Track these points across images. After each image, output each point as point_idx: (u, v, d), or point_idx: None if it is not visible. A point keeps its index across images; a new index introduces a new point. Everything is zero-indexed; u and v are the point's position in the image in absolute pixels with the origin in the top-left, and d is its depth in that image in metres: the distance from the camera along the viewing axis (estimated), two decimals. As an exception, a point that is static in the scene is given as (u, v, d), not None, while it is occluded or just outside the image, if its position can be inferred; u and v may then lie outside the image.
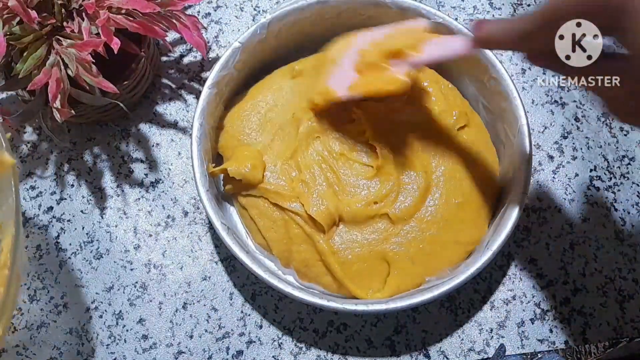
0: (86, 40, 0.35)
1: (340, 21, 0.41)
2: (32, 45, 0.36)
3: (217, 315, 0.39)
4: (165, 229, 0.42)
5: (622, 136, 0.44)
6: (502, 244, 0.34)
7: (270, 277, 0.34)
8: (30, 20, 0.34)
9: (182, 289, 0.40)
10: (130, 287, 0.40)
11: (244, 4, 0.49)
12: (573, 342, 0.38)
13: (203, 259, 0.41)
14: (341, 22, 0.41)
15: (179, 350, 0.38)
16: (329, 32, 0.41)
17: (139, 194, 0.43)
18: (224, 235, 0.35)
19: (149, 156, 0.44)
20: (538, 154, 0.43)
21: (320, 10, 0.40)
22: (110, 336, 0.39)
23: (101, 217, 0.42)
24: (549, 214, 0.42)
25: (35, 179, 0.43)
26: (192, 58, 0.47)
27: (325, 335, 0.39)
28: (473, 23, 0.30)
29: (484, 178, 0.39)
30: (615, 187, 0.42)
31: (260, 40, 0.40)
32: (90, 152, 0.44)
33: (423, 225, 0.37)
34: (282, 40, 0.42)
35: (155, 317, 0.39)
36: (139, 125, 0.45)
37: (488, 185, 0.39)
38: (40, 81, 0.35)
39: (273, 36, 0.41)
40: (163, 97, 0.45)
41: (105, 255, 0.41)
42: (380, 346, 0.38)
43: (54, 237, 0.42)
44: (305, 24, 0.41)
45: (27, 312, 0.39)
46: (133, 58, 0.40)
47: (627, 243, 0.41)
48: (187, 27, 0.39)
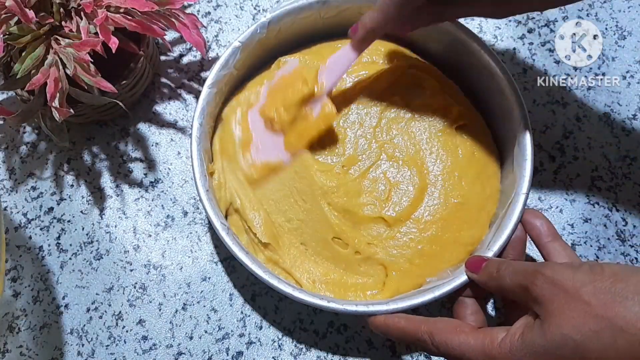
0: (84, 40, 0.34)
1: (339, 21, 0.41)
2: (31, 45, 0.35)
3: (217, 316, 0.39)
4: (165, 229, 0.41)
5: (623, 136, 0.44)
6: (503, 244, 0.34)
7: (271, 278, 0.34)
8: (28, 20, 0.34)
9: (182, 290, 0.40)
10: (129, 287, 0.40)
11: (244, 3, 0.48)
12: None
13: (203, 259, 0.41)
14: (341, 22, 0.41)
15: (179, 351, 0.38)
16: (328, 31, 0.41)
17: (138, 194, 0.42)
18: (224, 235, 0.35)
19: (148, 156, 0.44)
20: (539, 154, 0.43)
21: (320, 10, 0.40)
22: (110, 337, 0.39)
23: (101, 217, 0.42)
24: (550, 215, 0.41)
25: (35, 180, 0.43)
26: (191, 57, 0.46)
27: (326, 336, 0.39)
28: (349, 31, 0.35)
29: (485, 178, 0.38)
30: (616, 188, 0.42)
31: (260, 40, 0.40)
32: (90, 152, 0.44)
33: (421, 225, 0.37)
34: (282, 40, 0.41)
35: (155, 318, 0.39)
36: (138, 124, 0.44)
37: (489, 185, 0.38)
38: (38, 81, 0.34)
39: (273, 35, 0.40)
40: (162, 97, 0.45)
41: (105, 256, 0.41)
42: (380, 347, 0.38)
43: (55, 238, 0.41)
44: (305, 23, 0.41)
45: (30, 313, 0.39)
46: (132, 57, 0.40)
47: (628, 244, 0.40)
48: (186, 26, 0.39)
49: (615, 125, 0.44)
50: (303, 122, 0.37)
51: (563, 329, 0.24)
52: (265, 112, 0.38)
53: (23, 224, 0.42)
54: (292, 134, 0.37)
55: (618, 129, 0.44)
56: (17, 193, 0.43)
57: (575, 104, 0.45)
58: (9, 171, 0.43)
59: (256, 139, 0.38)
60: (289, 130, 0.37)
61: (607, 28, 0.46)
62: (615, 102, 0.44)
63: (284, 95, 0.37)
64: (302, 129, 0.37)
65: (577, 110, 0.44)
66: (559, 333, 0.24)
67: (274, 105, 0.38)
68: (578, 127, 0.44)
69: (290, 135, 0.37)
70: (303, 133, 0.37)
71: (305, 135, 0.37)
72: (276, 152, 0.37)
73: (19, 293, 0.40)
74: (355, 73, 0.40)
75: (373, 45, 0.37)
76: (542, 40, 0.46)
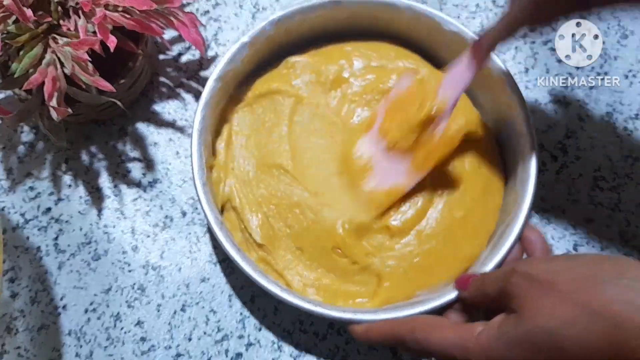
0: (82, 39, 0.34)
1: (350, 22, 0.41)
2: (28, 44, 0.35)
3: (216, 318, 0.39)
4: (164, 229, 0.41)
5: (626, 136, 0.43)
6: (499, 263, 0.33)
7: (260, 277, 0.33)
8: (26, 19, 0.34)
9: (181, 291, 0.40)
10: (128, 288, 0.40)
11: (243, 1, 0.48)
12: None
13: (202, 260, 0.40)
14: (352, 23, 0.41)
15: (178, 352, 0.38)
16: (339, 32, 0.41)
17: (137, 194, 0.42)
18: (217, 230, 0.34)
19: (147, 155, 0.43)
20: (541, 153, 0.43)
21: (332, 10, 0.40)
22: (109, 338, 0.39)
23: (99, 217, 0.42)
24: (552, 215, 0.41)
25: (33, 180, 0.43)
26: (190, 56, 0.46)
27: (326, 337, 0.38)
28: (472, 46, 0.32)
29: (488, 192, 0.37)
30: (619, 188, 0.42)
31: (268, 37, 0.40)
32: (88, 151, 0.43)
33: (422, 238, 0.36)
34: (291, 38, 0.41)
35: (153, 319, 0.39)
36: (137, 124, 0.44)
37: (492, 201, 0.37)
38: (36, 80, 0.34)
39: (281, 32, 0.40)
40: (161, 96, 0.45)
41: (103, 257, 0.41)
42: (381, 349, 0.38)
43: (53, 239, 0.41)
44: (316, 22, 0.40)
45: (28, 314, 0.39)
46: (130, 56, 0.39)
47: (631, 244, 0.40)
48: (185, 25, 0.38)
49: (617, 125, 0.44)
50: (429, 142, 0.35)
51: (538, 320, 0.23)
52: (388, 132, 0.36)
53: (21, 225, 0.42)
54: (419, 156, 0.35)
55: (620, 128, 0.43)
56: (15, 193, 0.42)
57: (577, 104, 0.44)
58: (6, 171, 0.43)
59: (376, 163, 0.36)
60: (416, 151, 0.35)
61: (609, 27, 0.46)
62: (618, 102, 0.44)
63: (406, 115, 0.35)
64: (429, 150, 0.35)
65: (579, 110, 0.44)
66: (533, 323, 0.24)
67: (396, 125, 0.35)
68: (580, 126, 0.44)
69: (417, 156, 0.35)
70: (429, 154, 0.35)
71: (431, 156, 0.35)
72: (399, 176, 0.36)
73: (17, 294, 0.40)
74: (362, 77, 0.40)
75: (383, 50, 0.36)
76: (544, 39, 0.46)
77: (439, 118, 0.34)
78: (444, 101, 0.33)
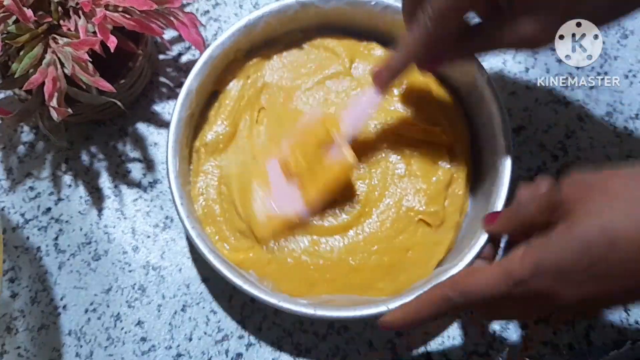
0: (82, 39, 0.34)
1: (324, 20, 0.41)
2: (28, 45, 0.35)
3: (216, 318, 0.39)
4: (164, 230, 0.41)
5: (626, 136, 0.43)
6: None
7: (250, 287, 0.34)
8: (26, 19, 0.33)
9: (181, 291, 0.40)
10: (128, 288, 0.40)
11: (243, 1, 0.48)
12: (577, 344, 0.38)
13: (202, 260, 0.40)
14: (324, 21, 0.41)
15: (178, 352, 0.38)
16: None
17: (137, 194, 0.42)
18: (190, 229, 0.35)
19: (147, 156, 0.43)
20: (542, 153, 0.43)
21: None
22: (109, 338, 0.39)
23: (99, 217, 0.42)
24: (552, 215, 0.41)
25: (33, 180, 0.43)
26: (190, 56, 0.46)
27: (326, 338, 0.38)
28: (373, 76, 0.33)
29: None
30: (619, 188, 0.42)
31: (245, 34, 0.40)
32: (88, 151, 0.43)
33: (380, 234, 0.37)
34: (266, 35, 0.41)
35: (153, 319, 0.39)
36: (137, 124, 0.44)
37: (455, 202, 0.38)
38: (36, 80, 0.34)
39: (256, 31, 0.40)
40: (161, 96, 0.45)
41: (104, 257, 0.41)
42: (381, 348, 0.38)
43: (53, 239, 0.41)
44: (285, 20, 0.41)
45: (28, 314, 0.39)
46: (130, 56, 0.39)
47: (631, 244, 0.40)
48: (185, 25, 0.38)
49: (617, 125, 0.44)
50: (320, 171, 0.35)
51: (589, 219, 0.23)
52: (283, 158, 0.36)
53: (21, 225, 0.42)
54: (309, 184, 0.35)
55: (620, 128, 0.44)
56: (15, 193, 0.42)
57: (577, 103, 0.44)
58: (6, 171, 0.43)
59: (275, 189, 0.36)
60: (307, 179, 0.35)
61: (609, 27, 0.46)
62: (618, 102, 0.44)
63: (303, 143, 0.36)
64: (319, 178, 0.35)
65: (580, 110, 0.44)
66: (584, 223, 0.23)
67: (292, 153, 0.36)
68: (580, 126, 0.44)
69: (307, 184, 0.35)
70: (319, 182, 0.35)
71: (320, 184, 0.35)
72: (294, 205, 0.36)
73: (17, 294, 0.40)
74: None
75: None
76: (543, 39, 0.46)
77: (334, 148, 0.34)
78: (343, 132, 0.34)
